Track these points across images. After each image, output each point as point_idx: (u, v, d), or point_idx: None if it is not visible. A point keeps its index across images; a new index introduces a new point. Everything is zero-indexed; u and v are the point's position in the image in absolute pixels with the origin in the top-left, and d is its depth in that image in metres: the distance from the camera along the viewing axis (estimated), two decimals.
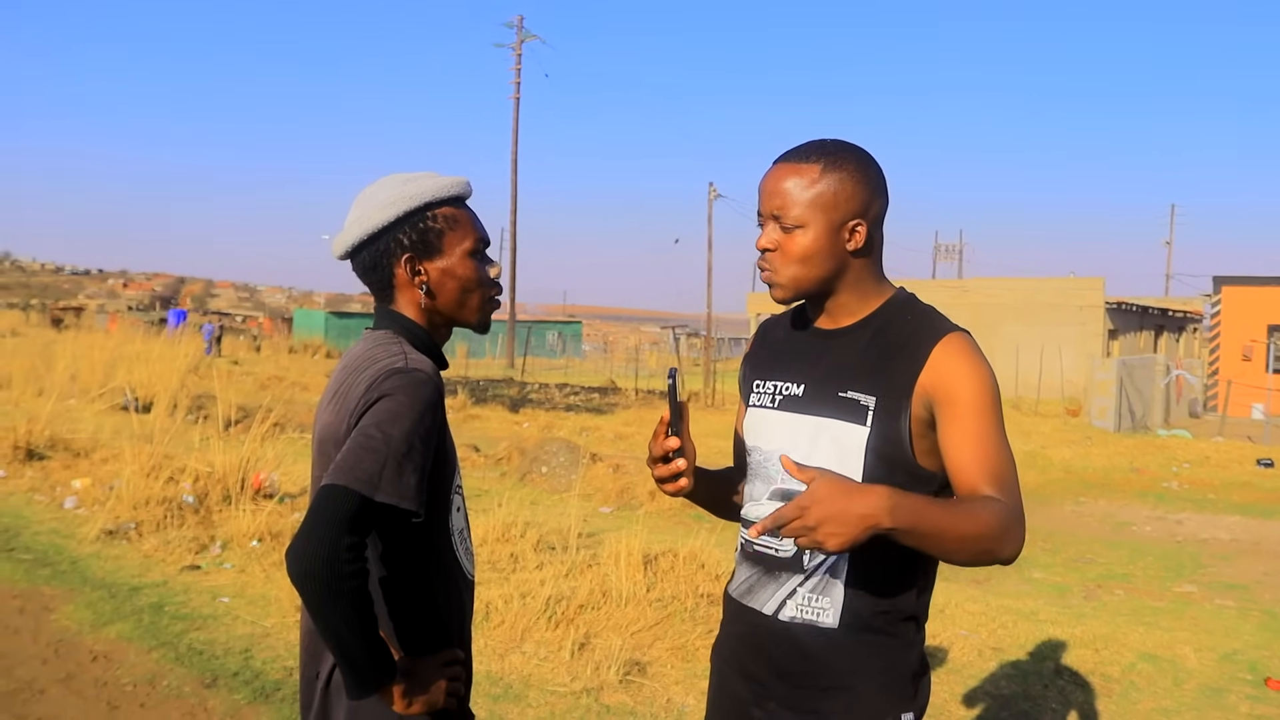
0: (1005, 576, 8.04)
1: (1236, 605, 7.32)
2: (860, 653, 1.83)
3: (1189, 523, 11.07)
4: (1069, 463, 15.33)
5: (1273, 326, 26.93)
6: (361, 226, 1.89)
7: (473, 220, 1.96)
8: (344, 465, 1.66)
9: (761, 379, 2.01)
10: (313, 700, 1.83)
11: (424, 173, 1.95)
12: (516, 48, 43.61)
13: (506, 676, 4.69)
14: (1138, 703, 5.00)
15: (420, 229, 1.89)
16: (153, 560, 6.39)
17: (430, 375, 1.78)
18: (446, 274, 1.91)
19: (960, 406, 1.77)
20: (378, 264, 1.91)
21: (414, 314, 1.92)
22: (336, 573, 1.61)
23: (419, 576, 1.81)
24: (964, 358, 1.80)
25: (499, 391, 24.64)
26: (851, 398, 1.84)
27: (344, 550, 1.62)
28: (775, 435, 1.92)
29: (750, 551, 1.95)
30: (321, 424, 1.85)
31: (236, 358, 32.19)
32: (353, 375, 1.81)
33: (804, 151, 1.86)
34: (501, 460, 12.25)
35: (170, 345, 20.47)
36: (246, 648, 4.96)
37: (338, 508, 1.64)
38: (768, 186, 1.87)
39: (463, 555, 1.91)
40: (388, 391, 1.72)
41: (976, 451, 1.75)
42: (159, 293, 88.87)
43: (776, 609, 1.89)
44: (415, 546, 1.80)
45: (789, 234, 1.85)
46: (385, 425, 1.69)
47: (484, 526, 6.86)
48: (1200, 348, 33.03)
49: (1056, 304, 29.85)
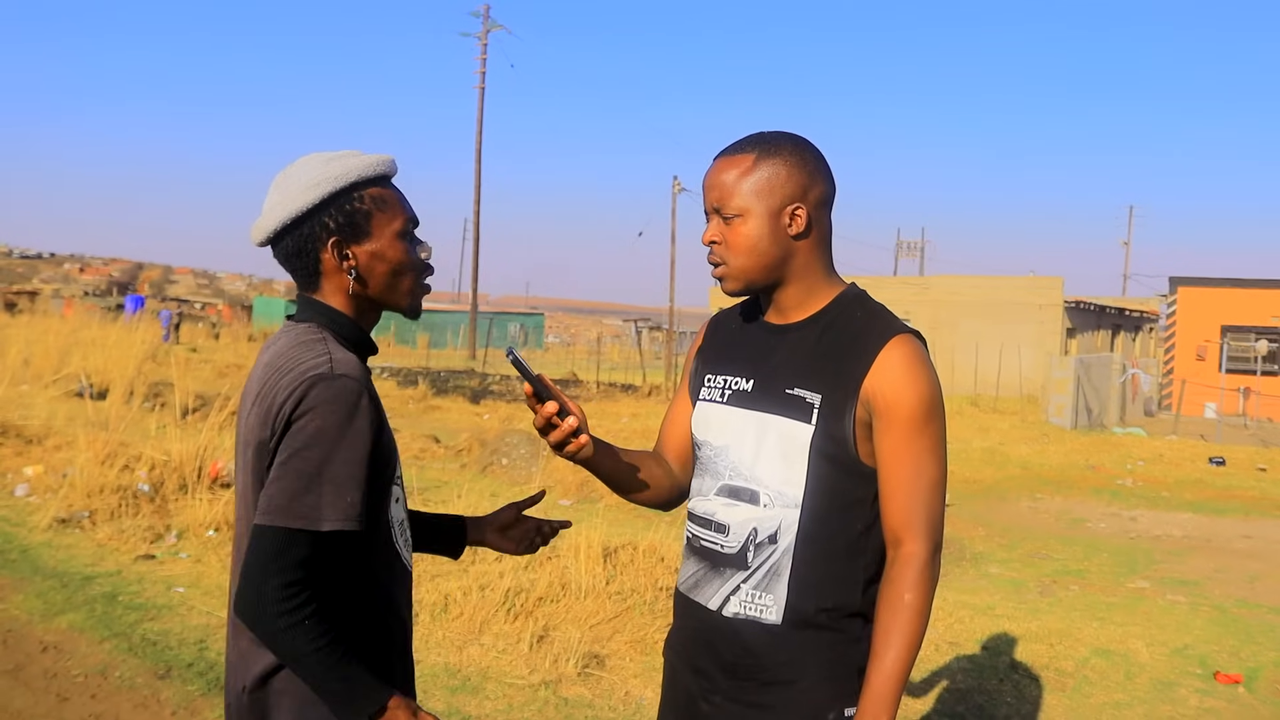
0: (962, 572, 8.11)
1: (1188, 601, 7.43)
2: (804, 648, 1.85)
3: (1143, 519, 11.21)
4: (1026, 459, 15.49)
5: (1226, 327, 27.33)
6: (284, 210, 1.78)
7: (401, 200, 1.86)
8: (281, 501, 1.63)
9: (712, 373, 2.02)
10: (242, 713, 1.77)
11: (347, 150, 1.85)
12: (482, 37, 43.28)
13: (465, 669, 4.67)
14: (1090, 696, 5.06)
15: (347, 211, 1.79)
16: (106, 549, 6.30)
17: (357, 379, 1.71)
18: (376, 257, 1.81)
19: (897, 421, 1.79)
20: (302, 250, 1.80)
21: (339, 302, 1.83)
22: (284, 612, 1.61)
23: (362, 574, 1.76)
24: (909, 366, 1.81)
25: (460, 382, 24.51)
26: (798, 395, 1.85)
27: (285, 589, 1.61)
28: (724, 430, 1.93)
29: (697, 546, 1.96)
30: (245, 425, 1.78)
31: (195, 345, 31.83)
32: (274, 376, 1.73)
33: (740, 144, 1.90)
34: (462, 452, 12.18)
35: (127, 331, 20.19)
36: (201, 638, 4.90)
37: (278, 550, 1.62)
38: (707, 181, 1.91)
39: (401, 547, 1.86)
40: (313, 405, 1.65)
41: (905, 482, 1.80)
42: (116, 278, 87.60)
43: (721, 604, 1.90)
44: (355, 548, 1.74)
45: (731, 225, 1.87)
46: (317, 449, 1.64)
47: None
48: (1156, 347, 33.47)
49: (1016, 302, 30.13)
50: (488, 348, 37.04)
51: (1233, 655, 5.92)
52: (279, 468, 1.65)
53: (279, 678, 1.73)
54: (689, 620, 1.98)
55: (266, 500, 1.63)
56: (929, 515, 1.80)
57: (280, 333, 1.86)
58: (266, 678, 1.74)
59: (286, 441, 1.66)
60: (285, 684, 1.73)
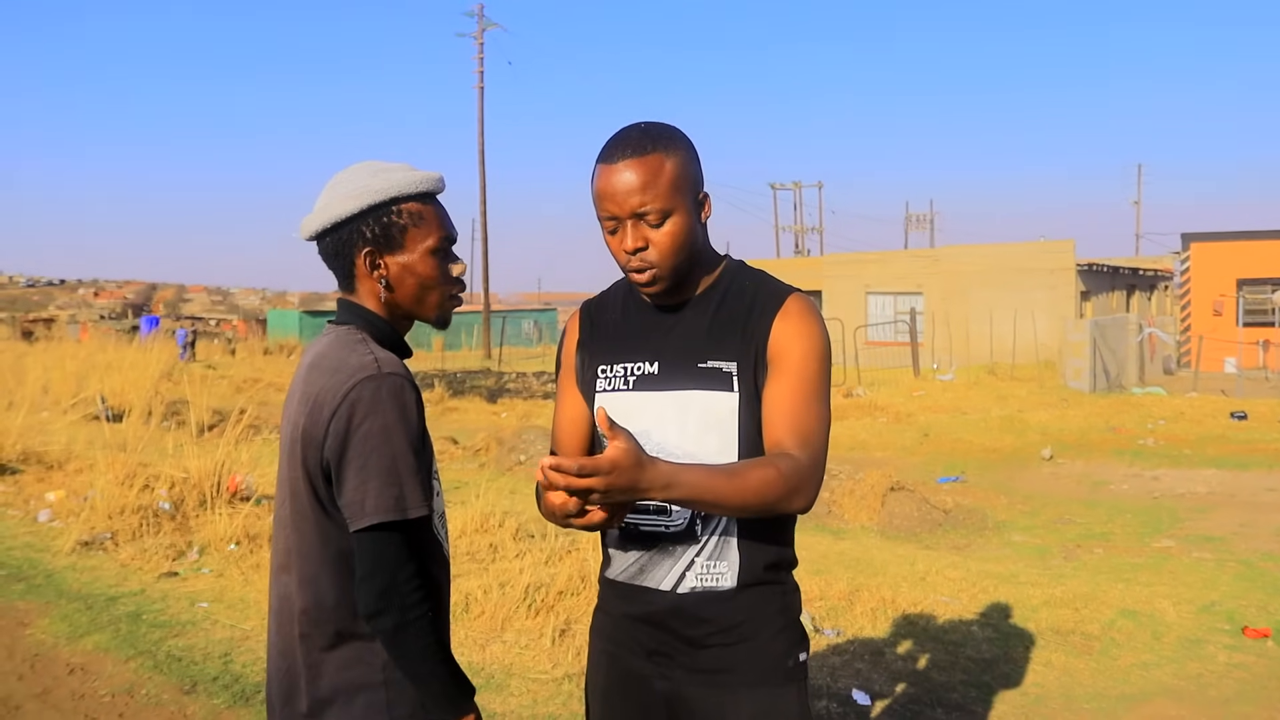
0: (985, 541, 8.09)
1: (1214, 557, 7.39)
2: (757, 603, 1.92)
3: (1165, 479, 11.16)
4: (1046, 425, 15.42)
5: (1242, 281, 27.13)
6: (327, 213, 1.88)
7: (440, 217, 1.94)
8: (379, 500, 1.72)
9: (606, 363, 1.99)
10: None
11: (398, 164, 1.94)
12: (478, 36, 43.21)
13: (488, 666, 4.68)
14: (1118, 659, 5.04)
15: (384, 223, 1.88)
16: (130, 569, 6.34)
17: (403, 375, 1.81)
18: (407, 270, 1.91)
19: (787, 365, 1.86)
20: (339, 252, 1.91)
21: (375, 305, 1.93)
22: (417, 602, 1.73)
23: (421, 564, 1.82)
24: (804, 319, 1.89)
25: (476, 383, 24.55)
26: (713, 366, 1.89)
27: (414, 579, 1.74)
28: (640, 416, 1.92)
29: (635, 533, 1.96)
30: (292, 424, 1.85)
31: (211, 362, 31.95)
32: (323, 377, 1.81)
33: (634, 145, 1.84)
34: (480, 451, 12.21)
35: (143, 352, 20.28)
36: (226, 652, 4.93)
37: (397, 545, 1.74)
38: (618, 188, 1.83)
39: (443, 538, 1.95)
40: (372, 406, 1.74)
41: (790, 408, 1.83)
42: (131, 300, 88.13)
43: (675, 583, 1.92)
44: (419, 538, 1.83)
45: (659, 227, 1.85)
46: (387, 447, 1.74)
47: (463, 518, 6.84)
48: (1172, 305, 33.24)
49: (1028, 268, 29.95)
50: (502, 346, 37.09)
51: (1261, 609, 5.88)
52: (360, 471, 1.73)
53: (342, 693, 1.81)
54: (634, 607, 1.98)
55: (360, 504, 1.73)
56: (817, 443, 1.83)
57: (322, 335, 1.95)
58: (334, 695, 1.81)
59: (356, 445, 1.74)
60: (351, 697, 1.81)
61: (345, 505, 1.75)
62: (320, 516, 1.80)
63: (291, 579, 1.84)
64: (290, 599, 1.84)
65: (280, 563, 1.88)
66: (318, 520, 1.81)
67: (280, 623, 1.86)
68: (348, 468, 1.74)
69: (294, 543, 1.84)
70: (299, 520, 1.83)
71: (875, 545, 7.69)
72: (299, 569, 1.83)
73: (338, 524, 1.79)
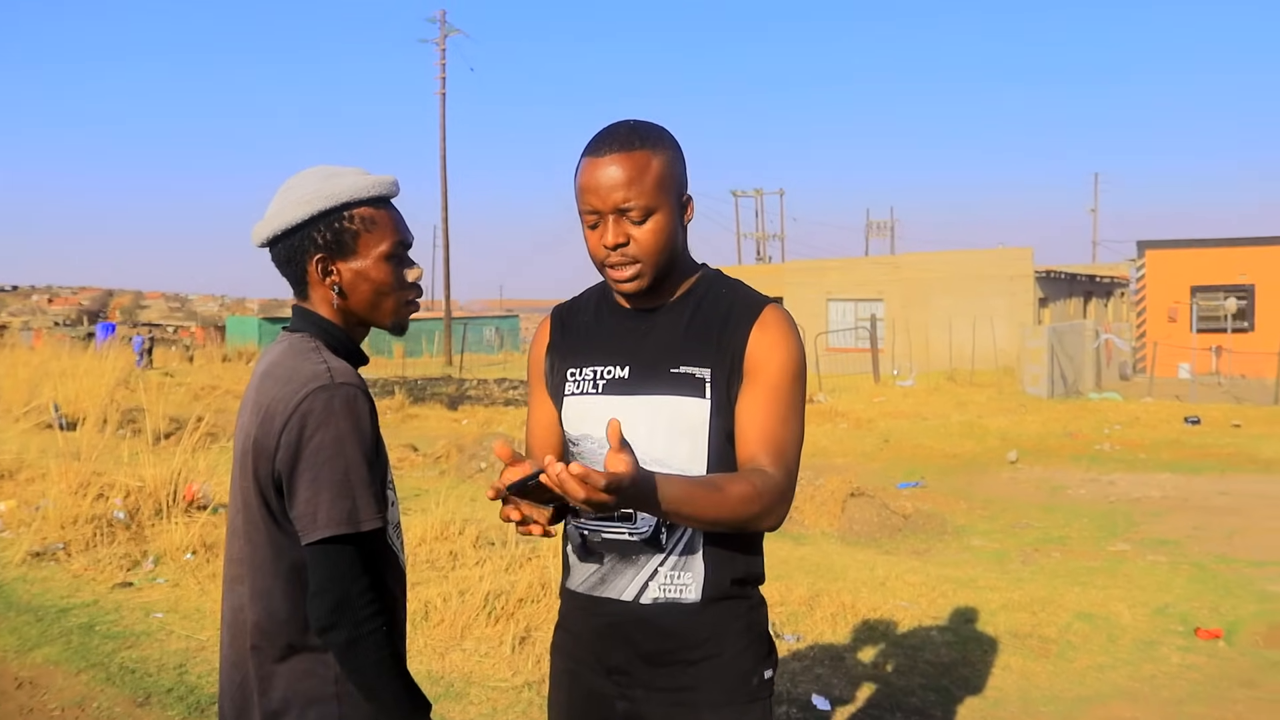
0: (945, 546, 8.14)
1: (1168, 560, 7.49)
2: (722, 619, 1.87)
3: (1121, 483, 11.30)
4: (1005, 430, 15.58)
5: (1196, 288, 27.54)
6: (278, 220, 1.85)
7: (394, 222, 1.90)
8: (331, 513, 1.69)
9: (576, 366, 1.96)
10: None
11: (350, 169, 1.90)
12: (440, 43, 43.09)
13: (447, 675, 4.65)
14: (1074, 661, 5.09)
15: (335, 229, 1.84)
16: (82, 580, 6.23)
17: (356, 385, 1.77)
18: (360, 276, 1.87)
19: (763, 378, 1.83)
20: (291, 259, 1.88)
21: (329, 312, 1.89)
22: (371, 615, 1.69)
23: (376, 577, 1.79)
24: (781, 331, 1.86)
25: (437, 390, 24.41)
26: (686, 372, 1.86)
27: (368, 593, 1.70)
28: (607, 421, 1.85)
29: (597, 541, 1.91)
30: (244, 434, 1.82)
31: (169, 369, 31.54)
32: (275, 386, 1.77)
33: (621, 140, 1.82)
34: (440, 459, 12.15)
35: (98, 359, 19.98)
36: (181, 663, 4.86)
37: (349, 558, 1.70)
38: (602, 182, 1.80)
39: (399, 549, 1.91)
40: (324, 420, 1.71)
41: (765, 423, 1.81)
42: (86, 307, 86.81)
43: (638, 593, 1.87)
44: (373, 551, 1.79)
45: (642, 224, 1.83)
46: (340, 458, 1.70)
47: (422, 525, 6.79)
48: (1128, 311, 33.68)
49: (987, 275, 30.26)
50: (463, 353, 36.93)
51: (1213, 611, 5.97)
52: (312, 483, 1.70)
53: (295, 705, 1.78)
54: (595, 619, 1.92)
55: (312, 516, 1.70)
56: (790, 457, 1.82)
57: (276, 342, 1.91)
58: (286, 707, 1.77)
59: (308, 457, 1.70)
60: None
61: (297, 518, 1.71)
62: (272, 528, 1.77)
63: (244, 590, 1.81)
64: (243, 610, 1.81)
65: (233, 574, 1.85)
66: (270, 532, 1.78)
67: (234, 635, 1.83)
68: (299, 479, 1.70)
69: (246, 554, 1.81)
70: (251, 531, 1.80)
71: (835, 550, 7.72)
72: (251, 581, 1.80)
73: (290, 536, 1.75)
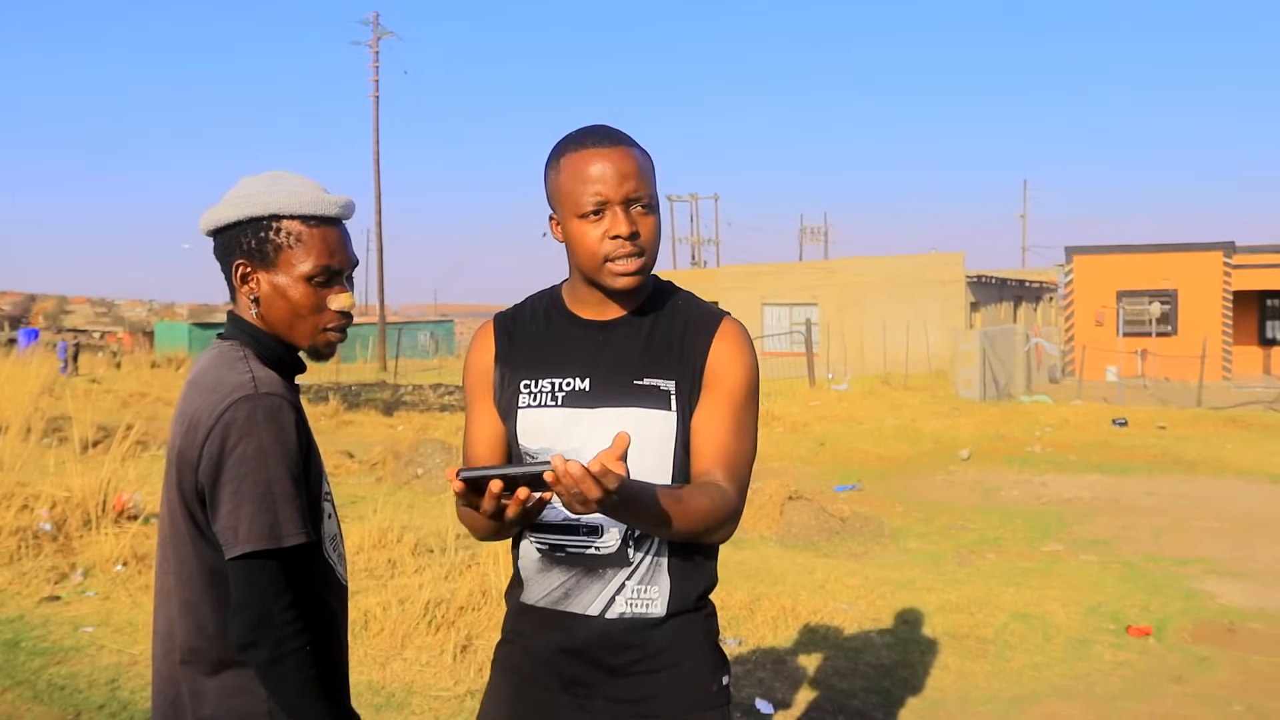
0: (882, 549, 8.23)
1: (1099, 560, 7.65)
2: (682, 632, 1.87)
3: (1053, 484, 11.51)
4: (939, 434, 15.79)
5: (1122, 292, 28.16)
6: (213, 215, 1.82)
7: (326, 244, 1.81)
8: (252, 528, 1.64)
9: (530, 378, 1.88)
10: None
11: (305, 181, 1.84)
12: (373, 45, 42.69)
13: (388, 685, 4.59)
14: (1011, 660, 5.18)
15: (260, 238, 1.79)
16: (6, 595, 6.05)
17: (281, 395, 1.72)
18: (277, 291, 1.80)
19: (721, 391, 1.84)
20: (221, 257, 1.85)
21: (253, 318, 1.84)
22: (293, 634, 1.64)
23: (306, 593, 1.74)
24: (740, 345, 1.88)
25: (372, 395, 24.14)
26: (650, 384, 1.83)
27: (289, 610, 1.65)
28: (570, 434, 1.82)
29: (561, 555, 1.85)
30: (173, 445, 1.78)
31: (95, 375, 30.81)
32: (199, 396, 1.73)
33: (616, 136, 1.82)
34: (376, 465, 12.00)
35: (21, 366, 19.46)
36: (113, 678, 4.74)
37: (271, 574, 1.65)
38: (609, 171, 1.77)
39: (336, 562, 1.87)
40: (246, 432, 1.66)
41: (720, 438, 1.82)
42: (7, 312, 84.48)
43: (604, 608, 1.83)
44: (299, 566, 1.73)
45: (647, 217, 1.81)
46: (263, 471, 1.65)
47: (360, 533, 6.71)
48: (1056, 316, 34.39)
49: (920, 280, 30.70)
50: (398, 358, 36.59)
51: (1143, 609, 6.11)
52: (234, 497, 1.65)
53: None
54: (555, 634, 1.87)
55: (233, 530, 1.64)
56: (743, 474, 1.84)
57: (207, 350, 1.87)
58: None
59: (230, 469, 1.66)
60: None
61: (219, 532, 1.66)
62: (198, 541, 1.73)
63: (173, 604, 1.76)
64: (173, 623, 1.76)
65: (162, 586, 1.80)
66: (195, 545, 1.73)
67: (165, 649, 1.78)
68: (221, 492, 1.65)
69: (174, 566, 1.77)
70: (178, 544, 1.75)
71: (774, 554, 7.77)
72: (179, 594, 1.75)
73: (216, 549, 1.70)
